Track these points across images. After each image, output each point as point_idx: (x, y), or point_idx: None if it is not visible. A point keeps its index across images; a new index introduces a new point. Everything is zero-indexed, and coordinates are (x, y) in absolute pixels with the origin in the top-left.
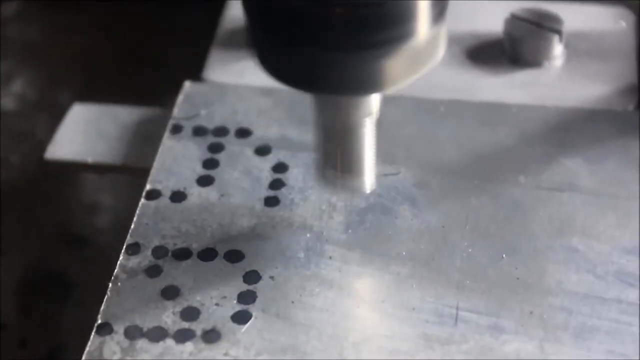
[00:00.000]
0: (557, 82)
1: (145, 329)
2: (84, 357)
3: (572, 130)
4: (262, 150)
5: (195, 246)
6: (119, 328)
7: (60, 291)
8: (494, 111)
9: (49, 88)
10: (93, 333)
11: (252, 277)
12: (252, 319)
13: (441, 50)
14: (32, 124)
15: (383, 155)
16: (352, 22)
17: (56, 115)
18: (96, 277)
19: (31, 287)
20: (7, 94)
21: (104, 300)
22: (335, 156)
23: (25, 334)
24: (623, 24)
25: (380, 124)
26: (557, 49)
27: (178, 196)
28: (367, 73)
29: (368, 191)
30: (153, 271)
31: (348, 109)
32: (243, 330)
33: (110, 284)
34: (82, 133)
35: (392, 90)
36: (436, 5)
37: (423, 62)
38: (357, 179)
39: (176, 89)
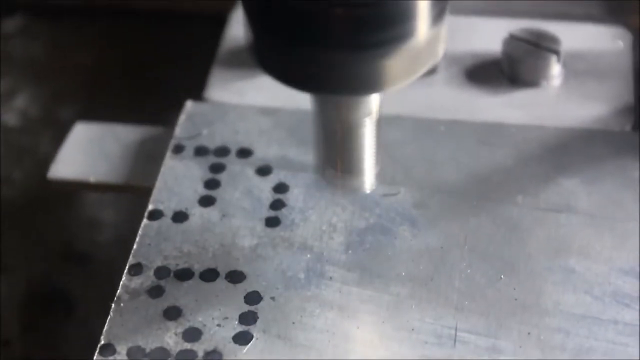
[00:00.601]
0: (555, 102)
1: (147, 350)
2: None
3: (569, 150)
4: (263, 171)
5: (197, 266)
6: (122, 349)
7: (62, 308)
8: (492, 131)
9: (52, 104)
10: (96, 354)
11: (253, 297)
12: (254, 339)
13: (441, 51)
14: (34, 140)
15: (383, 175)
16: (352, 22)
17: (58, 132)
18: (98, 294)
19: (33, 303)
20: (10, 109)
21: (107, 321)
22: (335, 156)
23: (28, 350)
24: (621, 43)
25: (380, 145)
26: (555, 69)
27: (180, 216)
28: (367, 73)
29: (368, 191)
30: (155, 292)
31: (348, 109)
32: (244, 351)
33: (112, 305)
34: (85, 152)
35: (392, 90)
36: (436, 5)
37: (423, 62)
38: (357, 179)
39: (178, 106)
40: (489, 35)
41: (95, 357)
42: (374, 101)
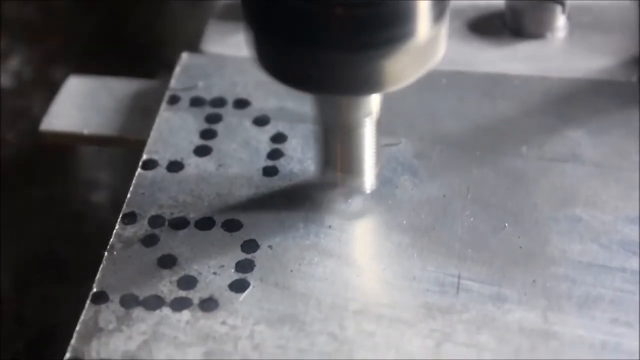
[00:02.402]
0: (559, 54)
1: (141, 298)
2: (78, 327)
3: (574, 101)
4: (261, 121)
5: (193, 216)
6: (115, 297)
7: (57, 268)
8: (495, 83)
9: (45, 66)
10: (88, 302)
11: (250, 246)
12: (250, 287)
13: (441, 50)
14: (28, 101)
15: (384, 126)
16: (352, 22)
17: (52, 93)
18: (93, 254)
19: (28, 263)
20: (3, 71)
21: (99, 269)
22: (335, 156)
23: (22, 310)
24: None
25: (380, 96)
26: (560, 21)
27: (175, 166)
28: (367, 73)
29: (368, 191)
30: (149, 240)
31: (348, 109)
32: (241, 299)
33: (105, 253)
34: (78, 105)
35: (392, 90)
36: (436, 5)
37: (423, 62)
38: (357, 179)
39: (172, 68)
40: None
41: (87, 305)
42: (374, 101)
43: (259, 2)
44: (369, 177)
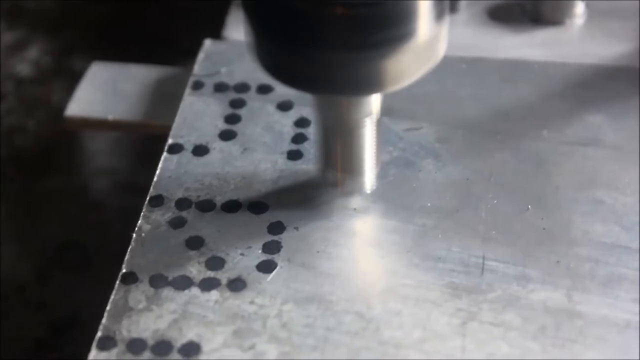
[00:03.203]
0: (578, 41)
1: (170, 278)
2: (108, 306)
3: (593, 87)
4: (284, 106)
5: (219, 198)
6: (144, 277)
7: (77, 256)
8: (515, 68)
9: (64, 55)
10: (117, 282)
11: (276, 227)
12: (277, 268)
13: (442, 50)
14: (47, 90)
15: (405, 111)
16: (352, 22)
17: (70, 82)
18: (112, 242)
19: (49, 252)
20: (22, 60)
21: (128, 250)
22: (336, 156)
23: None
24: None
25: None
26: (579, 8)
27: (200, 150)
28: (367, 73)
29: (368, 191)
30: (177, 222)
31: (348, 109)
32: (269, 279)
33: (133, 235)
34: (102, 91)
35: (392, 90)
36: (436, 5)
37: (423, 62)
38: (357, 179)
39: (190, 56)
40: None
41: (117, 285)
42: (374, 101)
43: (259, 2)
44: (369, 177)
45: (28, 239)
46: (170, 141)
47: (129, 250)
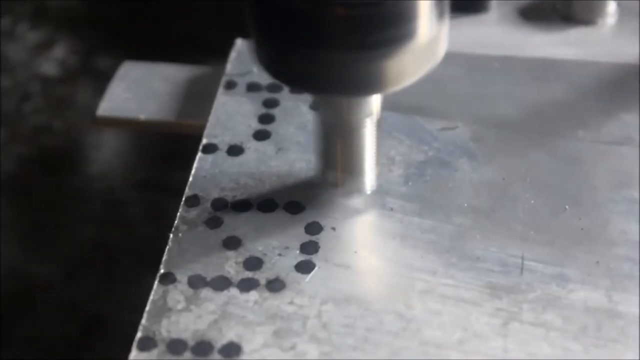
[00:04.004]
0: (610, 40)
1: (208, 279)
2: (148, 307)
3: (627, 86)
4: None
5: (255, 198)
6: (182, 277)
7: (104, 254)
8: (547, 67)
9: (90, 54)
10: (156, 283)
11: (313, 227)
12: (316, 268)
13: (442, 50)
14: (73, 89)
15: (438, 110)
16: (353, 23)
17: (96, 81)
18: (138, 241)
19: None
20: (48, 60)
21: (165, 250)
22: (336, 157)
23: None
24: None
25: (434, 81)
26: (611, 7)
27: (235, 150)
28: (367, 73)
29: (368, 192)
30: (213, 222)
31: (349, 110)
32: (307, 279)
33: (171, 235)
34: (133, 91)
35: (392, 91)
36: (437, 5)
37: (424, 62)
38: (357, 180)
39: (217, 56)
40: None
41: (155, 286)
42: (374, 102)
43: (259, 2)
44: (369, 178)
45: (55, 238)
46: (204, 141)
47: (166, 250)
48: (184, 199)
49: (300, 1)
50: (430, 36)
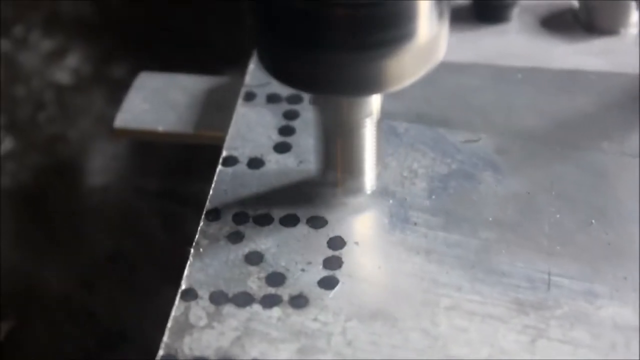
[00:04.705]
0: (634, 50)
1: (230, 295)
2: (169, 323)
3: None
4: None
5: (277, 212)
6: (204, 293)
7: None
8: (571, 78)
9: (103, 63)
10: (177, 298)
11: (336, 242)
12: (340, 284)
13: (442, 51)
14: (87, 98)
15: (461, 122)
16: (353, 23)
17: (110, 90)
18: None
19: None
20: (62, 68)
21: (187, 266)
22: (336, 157)
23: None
24: None
25: (457, 92)
26: (635, 17)
27: (256, 163)
28: (367, 74)
29: (368, 192)
30: (235, 237)
31: (349, 110)
32: (331, 295)
33: (192, 250)
34: (150, 102)
35: (392, 91)
36: (437, 5)
37: (424, 62)
38: (357, 180)
39: (232, 63)
40: None
41: (177, 303)
42: (374, 102)
43: (260, 3)
44: (369, 178)
45: (71, 249)
46: (224, 153)
47: (187, 265)
48: (204, 212)
49: (300, 1)
50: (430, 36)
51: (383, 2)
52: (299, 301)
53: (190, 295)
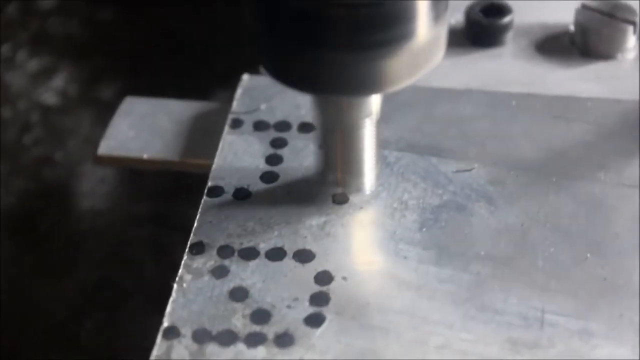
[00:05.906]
0: (631, 75)
1: (214, 333)
2: None
3: None
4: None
5: (263, 245)
6: (187, 331)
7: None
8: (567, 105)
9: (91, 83)
10: (159, 337)
11: (324, 277)
12: (327, 322)
13: (441, 51)
14: (74, 120)
15: (454, 150)
16: (353, 23)
17: (98, 111)
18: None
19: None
20: (49, 89)
21: (169, 302)
22: (336, 157)
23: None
24: None
25: (449, 120)
26: (631, 41)
27: (242, 193)
28: (367, 74)
29: (368, 192)
30: (219, 272)
31: (348, 110)
32: (318, 333)
33: (175, 285)
34: (136, 128)
35: (392, 91)
36: (436, 5)
37: (423, 63)
38: (357, 180)
39: (223, 85)
40: (558, 6)
41: (159, 340)
42: (374, 102)
43: (259, 4)
44: (369, 178)
45: (59, 275)
46: (210, 183)
47: (170, 302)
48: (188, 245)
49: (300, 1)
50: (430, 37)
51: (383, 2)
52: (284, 340)
53: (172, 333)
